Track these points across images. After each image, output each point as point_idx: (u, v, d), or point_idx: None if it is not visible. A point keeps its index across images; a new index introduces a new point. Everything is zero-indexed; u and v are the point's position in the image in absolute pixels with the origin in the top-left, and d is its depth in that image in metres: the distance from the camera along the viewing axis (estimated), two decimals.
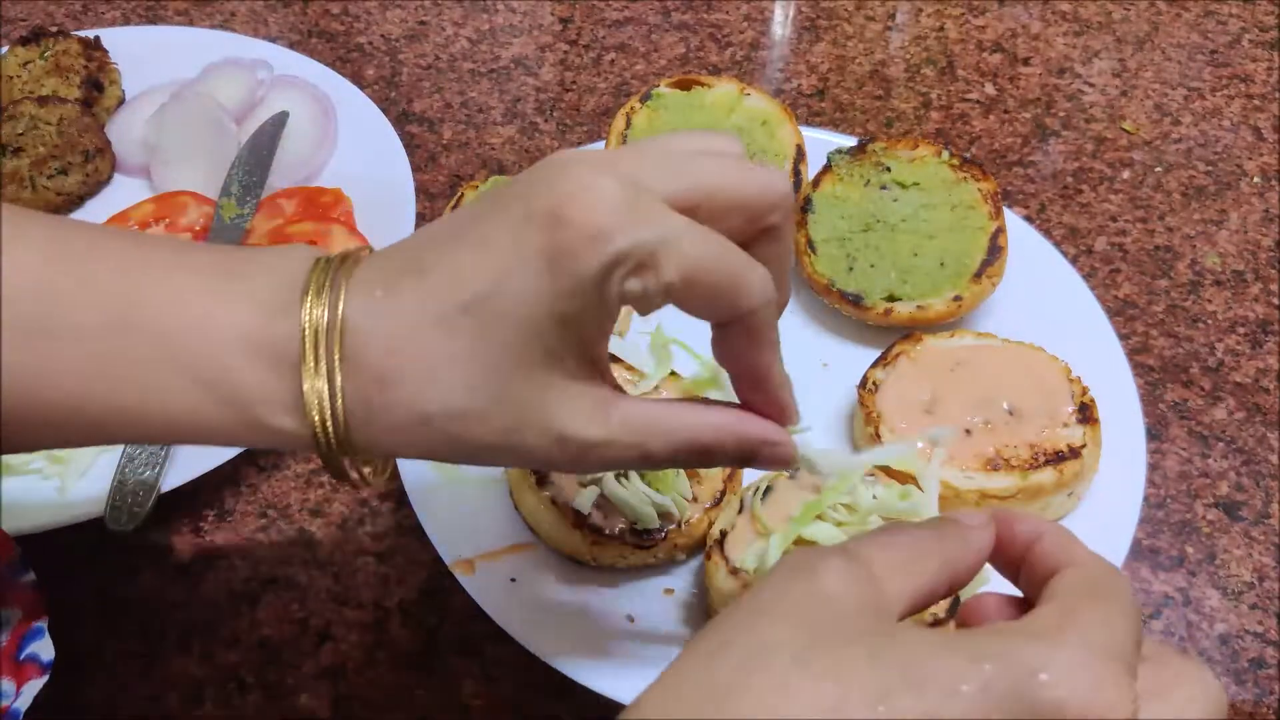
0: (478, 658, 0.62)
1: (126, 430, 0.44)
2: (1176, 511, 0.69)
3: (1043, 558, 0.39)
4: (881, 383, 0.68)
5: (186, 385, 0.42)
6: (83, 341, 0.42)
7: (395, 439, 0.43)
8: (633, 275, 0.40)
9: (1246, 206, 0.88)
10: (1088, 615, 0.34)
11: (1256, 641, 0.64)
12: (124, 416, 0.43)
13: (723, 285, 0.41)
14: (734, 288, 0.42)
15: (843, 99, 0.96)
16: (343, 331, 0.42)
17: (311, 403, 0.42)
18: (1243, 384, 0.76)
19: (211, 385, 0.42)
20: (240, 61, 0.91)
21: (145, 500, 0.63)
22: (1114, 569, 0.38)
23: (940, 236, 0.75)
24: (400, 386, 0.42)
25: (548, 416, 0.42)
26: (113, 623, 0.64)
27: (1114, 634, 0.34)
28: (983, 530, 0.40)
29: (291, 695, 0.61)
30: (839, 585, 0.36)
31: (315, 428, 0.42)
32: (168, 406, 0.43)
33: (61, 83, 0.87)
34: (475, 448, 0.43)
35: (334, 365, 0.42)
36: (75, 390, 0.43)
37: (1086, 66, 0.99)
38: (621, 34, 1.02)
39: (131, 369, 0.42)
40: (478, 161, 0.90)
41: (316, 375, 0.42)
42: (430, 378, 0.41)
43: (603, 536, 0.61)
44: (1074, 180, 0.89)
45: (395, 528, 0.68)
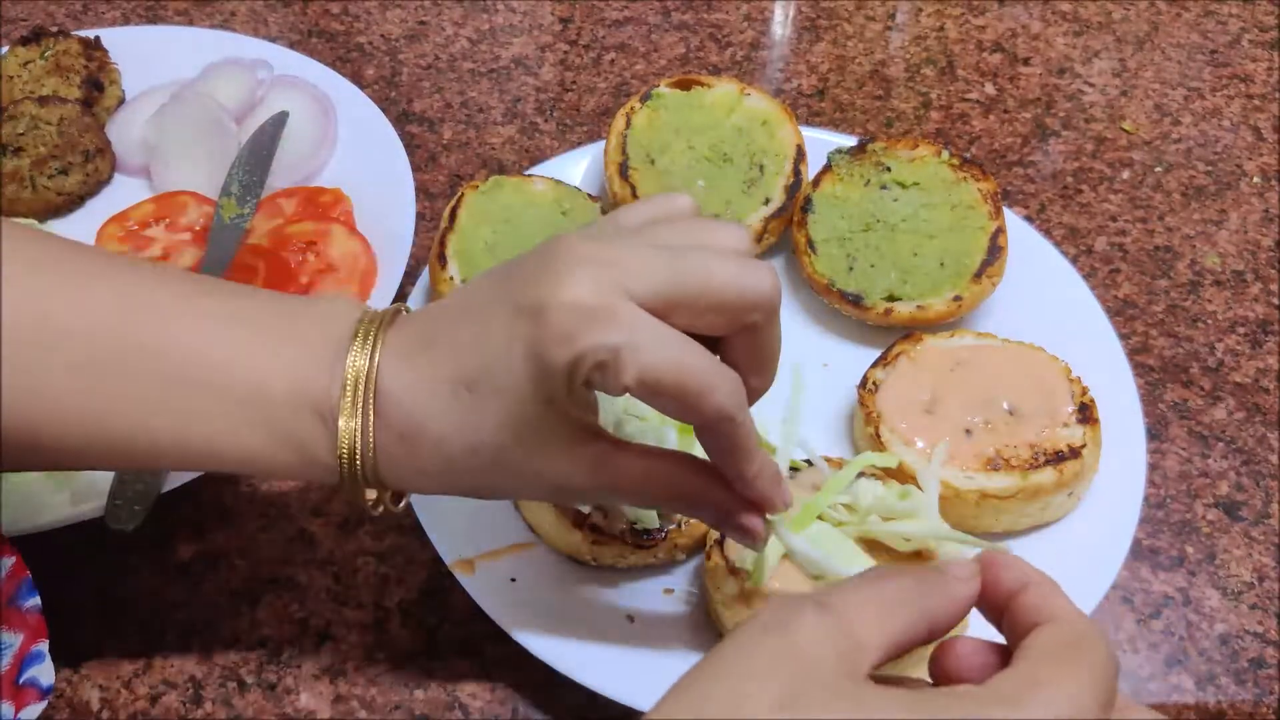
0: (478, 658, 0.62)
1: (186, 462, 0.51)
2: (1176, 511, 0.69)
3: (1025, 610, 0.39)
4: (881, 383, 0.68)
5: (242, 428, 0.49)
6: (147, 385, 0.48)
7: (414, 482, 0.50)
8: (595, 372, 0.44)
9: (1246, 206, 0.88)
10: (1056, 681, 0.35)
11: (1256, 641, 0.64)
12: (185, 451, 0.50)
13: (683, 390, 0.44)
14: (696, 393, 0.44)
15: (843, 99, 0.96)
16: (376, 390, 0.48)
17: (344, 443, 0.48)
18: (1243, 384, 0.76)
19: (265, 427, 0.49)
20: (240, 61, 0.91)
21: (145, 500, 0.63)
22: (1093, 627, 0.38)
23: (940, 236, 0.75)
24: (416, 442, 0.48)
25: (542, 473, 0.48)
26: (113, 623, 0.64)
27: (1080, 701, 0.35)
28: (967, 582, 0.40)
29: (291, 695, 0.61)
30: (813, 641, 0.37)
31: (345, 464, 0.49)
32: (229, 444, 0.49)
33: (61, 83, 0.87)
34: (486, 491, 0.51)
35: (369, 413, 0.48)
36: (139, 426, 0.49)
37: (1086, 66, 0.99)
38: (621, 34, 1.02)
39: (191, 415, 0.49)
40: (478, 161, 0.90)
41: (352, 417, 0.48)
42: (439, 439, 0.47)
43: (603, 536, 0.61)
44: (1074, 180, 0.89)
45: (395, 528, 0.68)
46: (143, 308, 0.49)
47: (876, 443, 0.65)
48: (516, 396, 0.46)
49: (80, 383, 0.48)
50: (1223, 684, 0.62)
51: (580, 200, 0.78)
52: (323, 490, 0.69)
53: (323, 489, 0.69)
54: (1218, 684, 0.62)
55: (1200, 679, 0.62)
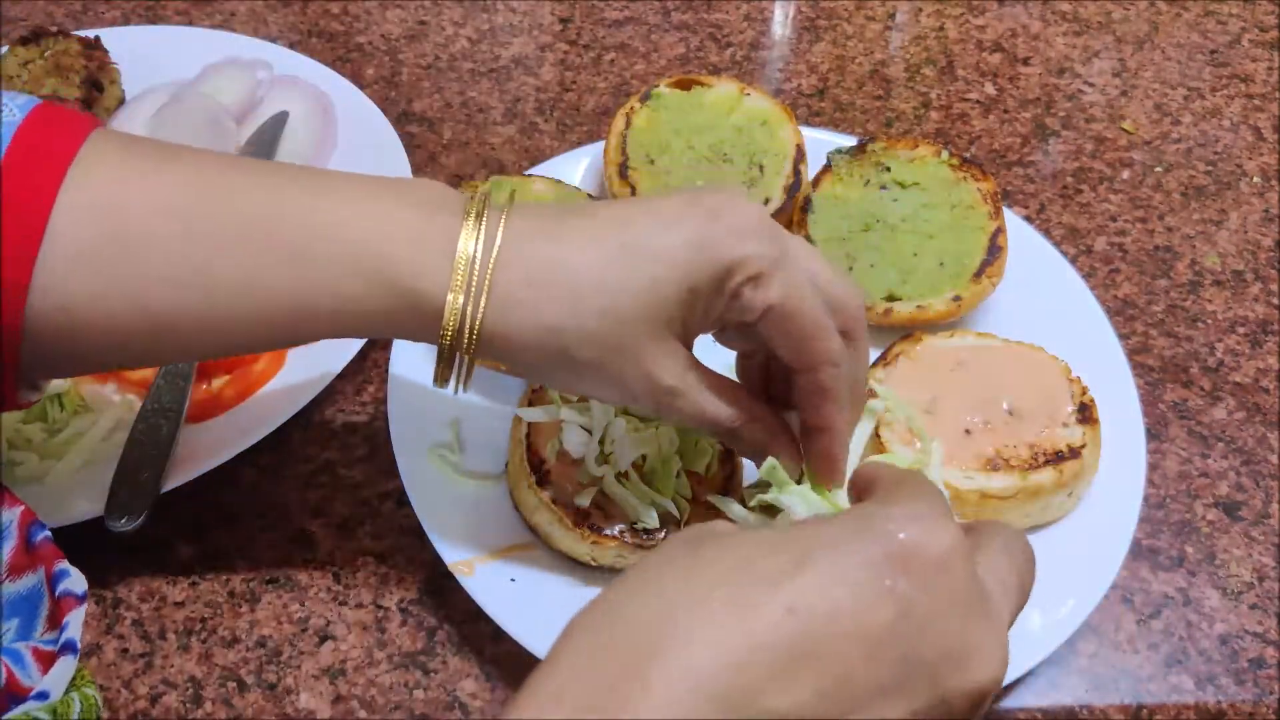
0: (478, 658, 0.62)
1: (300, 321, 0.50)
2: (1176, 511, 0.69)
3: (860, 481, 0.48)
4: (881, 383, 0.68)
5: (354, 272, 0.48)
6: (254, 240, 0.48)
7: (517, 338, 0.49)
8: (749, 283, 0.49)
9: (1246, 206, 0.88)
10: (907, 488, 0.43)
11: (1256, 641, 0.64)
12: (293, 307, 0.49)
13: (808, 328, 0.50)
14: (816, 334, 0.50)
15: (843, 99, 0.96)
16: (502, 241, 0.49)
17: (459, 277, 0.48)
18: (1243, 384, 0.76)
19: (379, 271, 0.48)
20: (240, 61, 0.91)
21: (145, 500, 0.63)
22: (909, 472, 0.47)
23: (940, 236, 0.75)
24: (544, 291, 0.49)
25: (648, 356, 0.50)
26: (113, 623, 0.64)
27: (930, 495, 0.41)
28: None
29: (291, 695, 0.61)
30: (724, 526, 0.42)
31: (456, 308, 0.48)
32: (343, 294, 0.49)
33: (61, 83, 0.87)
34: (575, 365, 0.50)
35: (492, 245, 0.48)
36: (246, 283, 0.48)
37: (1086, 66, 0.99)
38: (621, 34, 1.02)
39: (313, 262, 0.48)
40: (478, 161, 0.90)
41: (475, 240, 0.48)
42: (574, 295, 0.49)
43: (603, 536, 0.61)
44: (1074, 180, 0.89)
45: (395, 528, 0.68)
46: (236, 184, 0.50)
47: (877, 443, 0.65)
48: (667, 276, 0.49)
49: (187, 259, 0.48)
50: (1222, 684, 0.62)
51: (580, 200, 0.78)
52: (323, 490, 0.69)
53: (322, 488, 0.69)
54: (1217, 684, 0.62)
55: (1200, 679, 0.62)
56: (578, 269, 0.49)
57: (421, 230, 0.49)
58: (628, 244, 0.49)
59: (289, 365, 0.73)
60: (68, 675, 0.50)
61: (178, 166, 0.49)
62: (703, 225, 0.49)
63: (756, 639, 0.36)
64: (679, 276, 0.49)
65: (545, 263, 0.49)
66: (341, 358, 0.71)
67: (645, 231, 0.50)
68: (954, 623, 0.38)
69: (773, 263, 0.49)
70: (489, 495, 0.65)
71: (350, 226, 0.49)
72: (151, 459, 0.65)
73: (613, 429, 0.62)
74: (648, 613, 0.37)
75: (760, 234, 0.49)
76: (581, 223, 0.50)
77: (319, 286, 0.48)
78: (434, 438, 0.67)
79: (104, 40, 0.91)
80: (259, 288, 0.48)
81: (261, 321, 0.49)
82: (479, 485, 0.66)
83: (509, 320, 0.49)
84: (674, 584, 0.38)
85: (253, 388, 0.71)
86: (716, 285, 0.49)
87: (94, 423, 0.69)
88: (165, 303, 0.48)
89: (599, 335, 0.49)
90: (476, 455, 0.67)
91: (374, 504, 0.69)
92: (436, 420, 0.68)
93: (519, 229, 0.50)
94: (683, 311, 0.50)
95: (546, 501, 0.62)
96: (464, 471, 0.66)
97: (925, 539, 0.38)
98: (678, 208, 0.50)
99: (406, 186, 0.51)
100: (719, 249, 0.49)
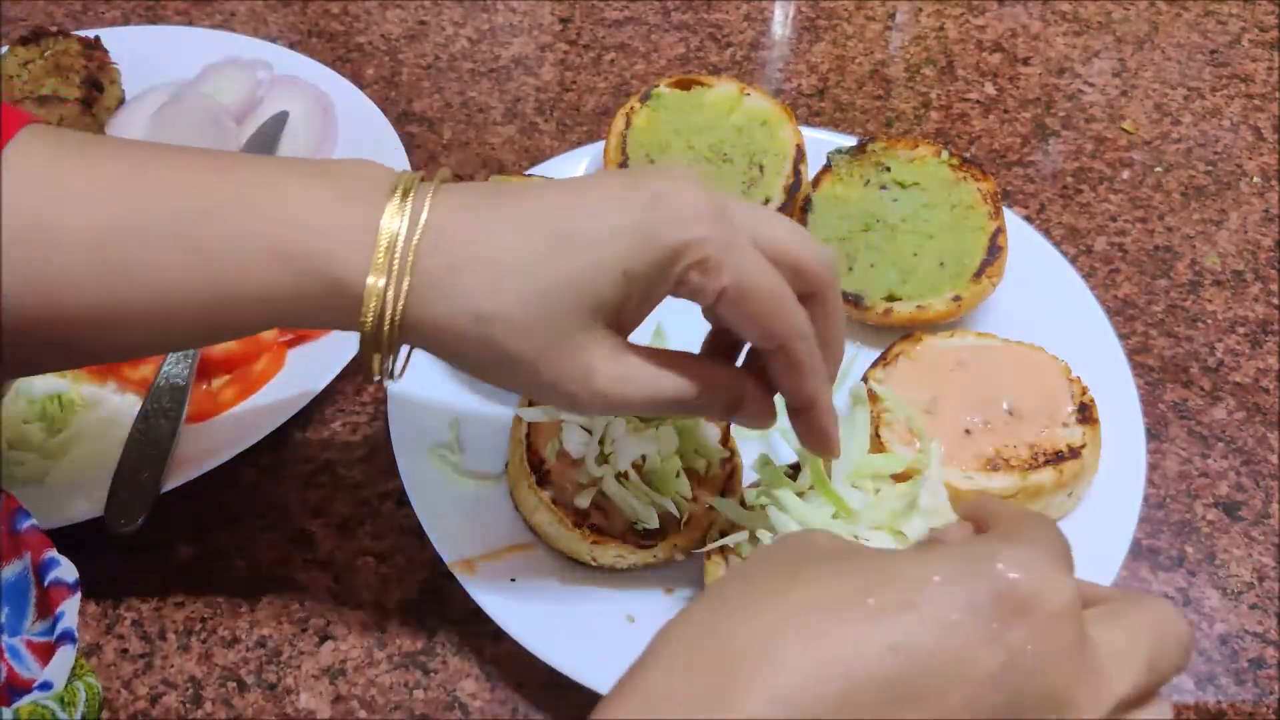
0: (478, 658, 0.62)
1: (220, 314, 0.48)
2: (1176, 511, 0.69)
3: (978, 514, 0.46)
4: (881, 383, 0.68)
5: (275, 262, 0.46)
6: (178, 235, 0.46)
7: (443, 327, 0.47)
8: (695, 269, 0.47)
9: (1246, 206, 0.88)
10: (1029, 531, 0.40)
11: (1256, 641, 0.64)
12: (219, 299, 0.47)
13: (766, 306, 0.48)
14: (776, 310, 0.48)
15: (843, 99, 0.96)
16: (426, 223, 0.46)
17: (380, 258, 0.46)
18: (1243, 384, 0.76)
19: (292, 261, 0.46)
20: (240, 61, 0.91)
21: (145, 500, 0.63)
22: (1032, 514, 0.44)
23: (940, 236, 0.75)
24: (468, 276, 0.46)
25: (582, 349, 0.48)
26: (113, 623, 0.64)
27: (1052, 543, 0.39)
28: None
29: (291, 695, 0.61)
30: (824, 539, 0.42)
31: (376, 291, 0.46)
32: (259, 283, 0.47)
33: (61, 83, 0.87)
34: (505, 358, 0.48)
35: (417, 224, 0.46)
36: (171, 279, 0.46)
37: (1086, 66, 0.99)
38: (621, 34, 1.02)
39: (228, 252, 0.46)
40: (478, 161, 0.90)
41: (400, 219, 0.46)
42: (497, 281, 0.46)
43: (603, 536, 0.61)
44: (1074, 180, 0.89)
45: (395, 528, 0.68)
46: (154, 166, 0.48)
47: (876, 443, 0.65)
48: (601, 262, 0.46)
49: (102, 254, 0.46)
50: (1223, 684, 0.62)
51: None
52: (323, 490, 0.69)
53: (322, 488, 0.69)
54: (1217, 684, 0.62)
55: (1200, 679, 0.62)
56: (505, 253, 0.47)
57: (345, 213, 0.47)
58: (561, 230, 0.47)
59: (289, 365, 0.73)
60: (68, 665, 0.50)
61: (105, 161, 0.48)
62: (642, 210, 0.47)
63: (857, 676, 0.35)
64: (614, 262, 0.46)
65: (472, 246, 0.47)
66: (342, 357, 0.71)
67: (580, 216, 0.47)
68: (1058, 679, 0.36)
69: (721, 245, 0.47)
70: (489, 495, 0.65)
71: (273, 215, 0.47)
72: (151, 459, 0.65)
73: (613, 429, 0.62)
74: (745, 630, 0.36)
75: (705, 216, 0.47)
76: (514, 204, 0.48)
77: (242, 278, 0.47)
78: (434, 438, 0.67)
79: (104, 40, 0.91)
80: (182, 282, 0.47)
81: (189, 316, 0.48)
82: (479, 485, 0.66)
83: (432, 307, 0.47)
84: (773, 604, 0.37)
85: (253, 388, 0.72)
86: (658, 271, 0.47)
87: (94, 423, 0.69)
88: (86, 299, 0.46)
89: (526, 325, 0.47)
90: (476, 455, 0.67)
91: (374, 504, 0.69)
92: (436, 420, 0.68)
93: (447, 209, 0.47)
94: (618, 299, 0.47)
95: (546, 501, 0.62)
96: (464, 471, 0.66)
97: (1042, 587, 0.36)
98: (617, 191, 0.48)
99: (338, 170, 0.49)
100: (660, 235, 0.46)
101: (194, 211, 0.47)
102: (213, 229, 0.47)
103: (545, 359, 0.48)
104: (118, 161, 0.48)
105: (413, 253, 0.46)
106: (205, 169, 0.49)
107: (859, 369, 0.70)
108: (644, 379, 0.49)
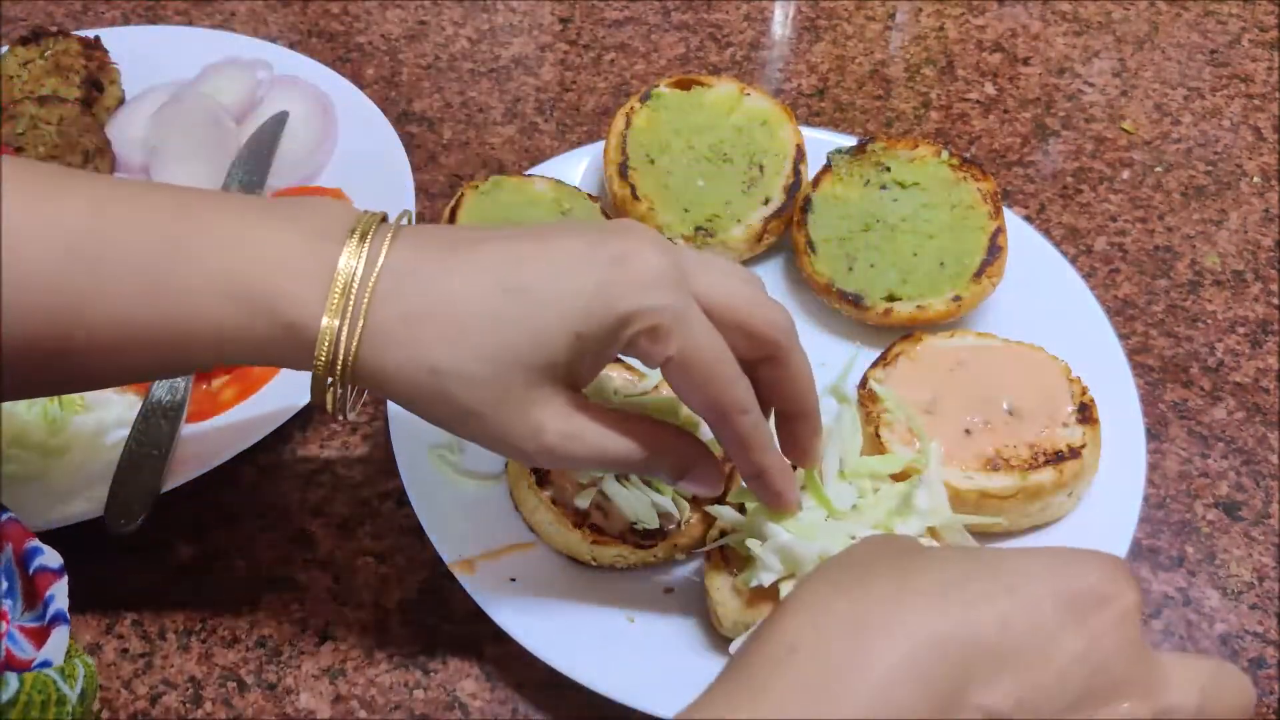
0: (478, 658, 0.62)
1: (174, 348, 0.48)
2: (1176, 511, 0.69)
3: None
4: (881, 383, 0.68)
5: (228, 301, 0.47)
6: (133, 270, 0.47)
7: (396, 377, 0.48)
8: (645, 336, 0.48)
9: (1246, 206, 0.88)
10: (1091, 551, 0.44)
11: (1256, 641, 0.64)
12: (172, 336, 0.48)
13: (709, 379, 0.49)
14: (716, 384, 0.49)
15: (843, 99, 0.96)
16: (383, 268, 0.47)
17: (335, 301, 0.46)
18: (1243, 384, 0.76)
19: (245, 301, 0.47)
20: (240, 61, 0.91)
21: (145, 500, 0.63)
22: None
23: (940, 236, 0.75)
24: (424, 328, 0.47)
25: (533, 406, 0.48)
26: (113, 623, 0.64)
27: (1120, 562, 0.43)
28: None
29: (291, 695, 0.61)
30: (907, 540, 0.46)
31: (330, 333, 0.47)
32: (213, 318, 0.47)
33: (61, 83, 0.87)
34: (457, 410, 0.48)
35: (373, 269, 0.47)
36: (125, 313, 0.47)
37: (1086, 66, 0.99)
38: (621, 34, 1.02)
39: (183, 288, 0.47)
40: (478, 161, 0.90)
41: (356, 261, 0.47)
42: (451, 335, 0.47)
43: (603, 536, 0.61)
44: (1074, 180, 0.89)
45: (395, 528, 0.68)
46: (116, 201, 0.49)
47: (876, 443, 0.65)
48: (556, 322, 0.47)
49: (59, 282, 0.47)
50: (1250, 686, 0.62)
51: (580, 200, 0.78)
52: (323, 490, 0.69)
53: (322, 488, 0.69)
54: None
55: None
56: (460, 307, 0.47)
57: (302, 255, 0.47)
58: (518, 286, 0.47)
59: None
60: (64, 644, 0.51)
61: (68, 193, 0.49)
62: (601, 273, 0.47)
63: (972, 635, 0.39)
64: (567, 325, 0.47)
65: (427, 297, 0.47)
66: None
67: (539, 275, 0.48)
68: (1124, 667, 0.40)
69: (673, 316, 0.48)
70: (489, 495, 0.65)
71: (229, 254, 0.47)
72: (151, 459, 0.65)
73: None
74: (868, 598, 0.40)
75: (662, 284, 0.47)
76: (472, 257, 0.48)
77: (197, 314, 0.47)
78: (434, 438, 0.67)
79: (104, 40, 0.91)
80: (138, 315, 0.47)
81: (144, 349, 0.48)
82: (479, 485, 0.66)
83: (386, 354, 0.47)
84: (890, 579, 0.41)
85: (253, 388, 0.71)
86: (610, 335, 0.48)
87: (94, 423, 0.69)
88: (42, 328, 0.47)
89: (479, 379, 0.47)
90: (476, 455, 0.67)
91: (374, 504, 0.69)
92: None
93: (404, 256, 0.48)
94: (569, 357, 0.48)
95: (546, 501, 0.62)
96: (464, 471, 0.66)
97: (1114, 590, 0.41)
98: (579, 252, 0.48)
99: (298, 209, 0.50)
100: (615, 301, 0.47)
101: (152, 246, 0.47)
102: (169, 265, 0.47)
103: (496, 414, 0.48)
104: (79, 195, 0.49)
105: (368, 296, 0.47)
106: (166, 205, 0.49)
107: (859, 369, 0.70)
108: (591, 439, 0.50)
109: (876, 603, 0.40)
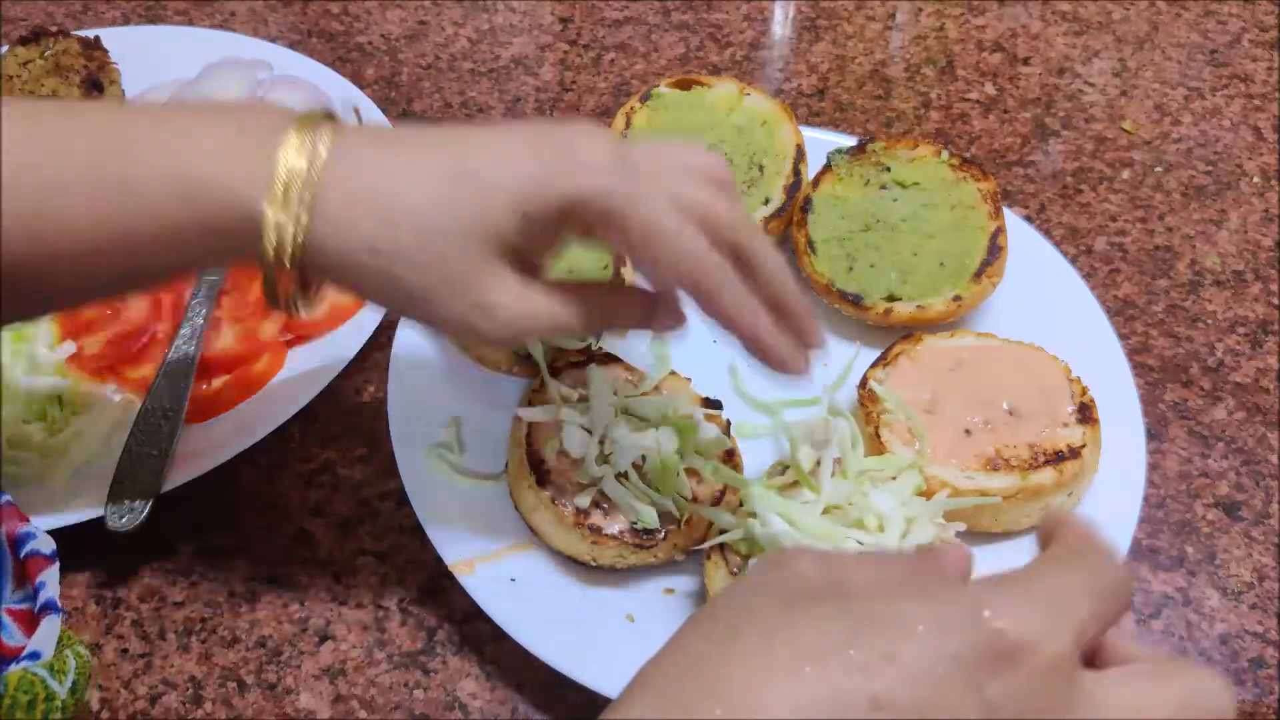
0: (478, 658, 0.62)
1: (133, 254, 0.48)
2: (1176, 511, 0.69)
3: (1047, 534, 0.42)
4: (881, 383, 0.68)
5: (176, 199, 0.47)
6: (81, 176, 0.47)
7: (340, 261, 0.48)
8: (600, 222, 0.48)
9: (1246, 206, 0.87)
10: (1040, 575, 0.38)
11: (1256, 641, 0.64)
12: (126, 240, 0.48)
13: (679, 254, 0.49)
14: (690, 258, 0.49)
15: (843, 99, 0.96)
16: (329, 156, 0.47)
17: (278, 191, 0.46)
18: (1243, 384, 0.76)
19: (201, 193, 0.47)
20: (240, 61, 0.90)
21: (145, 500, 0.63)
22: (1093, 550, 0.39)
23: (940, 236, 0.75)
24: (364, 210, 0.47)
25: (478, 285, 0.48)
26: (113, 623, 0.64)
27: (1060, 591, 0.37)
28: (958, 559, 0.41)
29: (291, 695, 0.61)
30: (810, 568, 0.39)
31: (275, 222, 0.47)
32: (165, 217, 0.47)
33: (61, 83, 0.87)
34: (402, 291, 0.48)
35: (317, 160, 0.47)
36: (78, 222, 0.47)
37: (1086, 66, 0.99)
38: (621, 34, 1.02)
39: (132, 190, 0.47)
40: None
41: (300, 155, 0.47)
42: (393, 216, 0.47)
43: (603, 536, 0.61)
44: (1074, 180, 0.89)
45: (395, 528, 0.68)
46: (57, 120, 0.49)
47: (876, 443, 0.65)
48: (502, 203, 0.47)
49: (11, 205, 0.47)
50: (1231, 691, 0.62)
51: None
52: (323, 490, 0.69)
53: (322, 488, 0.69)
54: None
55: None
56: (403, 189, 0.48)
57: (245, 147, 0.48)
58: (464, 172, 0.48)
59: (289, 365, 0.73)
60: (54, 634, 0.51)
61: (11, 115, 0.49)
62: (547, 159, 0.48)
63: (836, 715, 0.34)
64: (512, 203, 0.48)
65: (371, 181, 0.48)
66: (341, 357, 0.71)
67: (483, 158, 0.48)
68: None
69: (625, 199, 0.48)
70: (489, 495, 0.65)
71: (174, 154, 0.48)
72: (151, 459, 0.65)
73: (613, 429, 0.62)
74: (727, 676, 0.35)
75: (609, 169, 0.48)
76: (416, 144, 0.49)
77: (150, 213, 0.47)
78: (434, 438, 0.67)
79: (104, 40, 0.90)
80: (94, 224, 0.47)
81: (104, 258, 0.48)
82: (479, 485, 0.66)
83: (330, 239, 0.47)
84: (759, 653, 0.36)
85: (253, 387, 0.72)
86: (557, 216, 0.48)
87: (94, 423, 0.69)
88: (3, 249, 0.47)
89: (420, 261, 0.48)
90: (476, 455, 0.67)
91: (374, 504, 0.69)
92: (436, 420, 0.68)
93: (348, 145, 0.48)
94: (516, 238, 0.49)
95: (546, 501, 0.62)
96: (464, 471, 0.66)
97: (1029, 638, 0.35)
98: (523, 138, 0.49)
99: (240, 109, 0.50)
100: (559, 182, 0.48)
101: (97, 154, 0.48)
102: (115, 168, 0.48)
103: (443, 293, 0.48)
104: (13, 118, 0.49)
105: (312, 185, 0.47)
106: (104, 117, 0.50)
107: (859, 369, 0.70)
108: (544, 310, 0.50)
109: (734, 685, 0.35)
